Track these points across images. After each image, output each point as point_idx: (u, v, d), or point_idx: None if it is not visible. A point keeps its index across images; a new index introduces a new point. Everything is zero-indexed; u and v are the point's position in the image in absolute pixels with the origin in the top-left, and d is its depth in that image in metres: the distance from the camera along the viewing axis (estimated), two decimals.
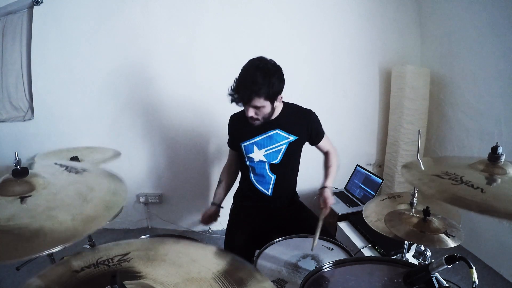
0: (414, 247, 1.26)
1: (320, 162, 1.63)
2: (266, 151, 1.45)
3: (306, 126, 1.48)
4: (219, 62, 2.33)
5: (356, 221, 1.98)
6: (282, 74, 1.32)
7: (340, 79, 2.57)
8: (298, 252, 1.18)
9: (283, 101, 1.48)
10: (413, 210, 1.12)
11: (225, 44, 2.33)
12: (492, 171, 0.84)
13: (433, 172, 0.87)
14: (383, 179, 2.25)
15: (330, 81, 2.55)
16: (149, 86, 2.34)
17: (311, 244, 1.18)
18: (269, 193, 1.52)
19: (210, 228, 2.66)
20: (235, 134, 1.54)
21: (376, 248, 1.73)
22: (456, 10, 2.23)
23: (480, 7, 2.04)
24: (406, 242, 1.16)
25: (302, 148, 1.55)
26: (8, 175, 0.73)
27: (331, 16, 2.45)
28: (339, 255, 1.17)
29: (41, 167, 0.88)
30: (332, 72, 2.54)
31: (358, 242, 1.83)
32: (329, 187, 1.44)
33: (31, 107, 2.31)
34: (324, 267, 0.91)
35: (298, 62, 2.40)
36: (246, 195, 1.60)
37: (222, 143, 2.45)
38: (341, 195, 2.45)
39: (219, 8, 2.28)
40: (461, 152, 2.29)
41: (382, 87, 2.67)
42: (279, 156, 1.46)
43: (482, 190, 0.74)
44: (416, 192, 1.15)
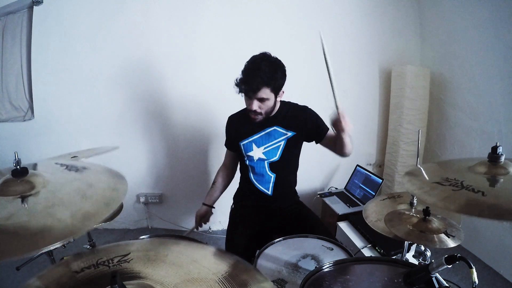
0: (414, 247, 1.26)
1: (320, 162, 1.63)
2: (265, 148, 1.46)
3: (303, 121, 1.48)
4: (219, 62, 2.33)
5: (356, 221, 1.98)
6: (285, 69, 1.37)
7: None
8: (298, 252, 1.18)
9: (281, 100, 1.49)
10: (413, 210, 1.12)
11: (225, 43, 2.33)
12: (493, 171, 0.83)
13: (433, 179, 0.87)
14: (383, 179, 2.25)
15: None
16: (149, 86, 2.34)
17: (311, 244, 1.18)
18: (269, 192, 1.52)
19: (210, 228, 2.66)
20: (233, 134, 1.55)
21: (376, 248, 1.73)
22: (456, 10, 2.23)
23: (480, 7, 2.04)
24: (406, 242, 1.16)
25: (301, 147, 1.55)
26: (8, 175, 0.73)
27: (331, 16, 2.45)
28: (339, 255, 1.17)
29: (41, 166, 0.88)
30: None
31: (358, 242, 1.83)
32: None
33: (31, 107, 2.31)
34: (324, 267, 0.91)
35: (298, 62, 2.40)
36: (246, 195, 1.60)
37: (222, 142, 2.44)
38: (341, 195, 2.44)
39: (219, 8, 2.28)
40: (461, 152, 2.29)
41: (382, 87, 2.67)
42: (278, 153, 1.47)
43: (483, 193, 0.74)
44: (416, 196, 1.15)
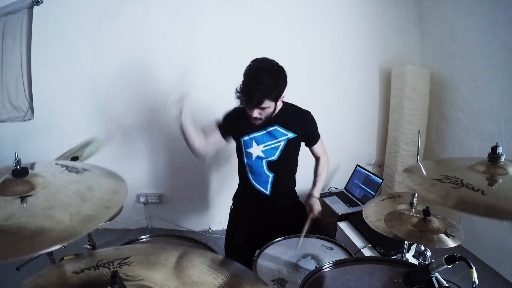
0: (414, 247, 1.26)
1: None
2: (265, 147, 1.46)
3: (303, 125, 1.49)
4: (219, 62, 2.33)
5: (356, 221, 1.98)
6: (285, 74, 1.34)
7: (340, 79, 2.57)
8: (298, 252, 1.18)
9: (283, 100, 1.49)
10: (413, 210, 1.12)
11: (225, 44, 2.33)
12: (493, 171, 0.83)
13: (433, 176, 0.87)
14: (383, 179, 2.25)
15: (330, 81, 2.55)
16: (149, 86, 2.34)
17: (311, 244, 1.18)
18: (267, 192, 1.52)
19: (210, 228, 2.66)
20: (233, 126, 1.49)
21: (376, 248, 1.73)
22: (456, 10, 2.23)
23: (480, 7, 2.04)
24: (406, 242, 1.16)
25: (300, 149, 1.55)
26: (8, 175, 0.73)
27: (331, 16, 2.45)
28: (339, 255, 1.17)
29: (41, 167, 0.88)
30: (332, 72, 2.54)
31: (358, 242, 1.83)
32: (315, 195, 1.51)
33: (31, 107, 2.31)
34: (324, 267, 0.91)
35: (298, 62, 2.40)
36: (245, 195, 1.60)
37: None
38: (341, 195, 2.45)
39: (219, 8, 2.28)
40: (461, 152, 2.29)
41: (382, 87, 2.67)
42: (277, 153, 1.46)
43: (483, 192, 0.74)
44: (416, 192, 1.15)
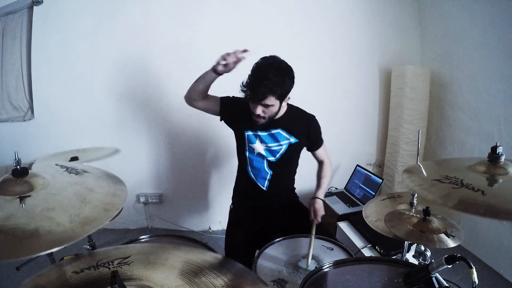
0: (414, 247, 1.26)
1: None
2: (267, 147, 1.46)
3: (307, 130, 1.48)
4: None
5: (356, 221, 1.98)
6: (293, 74, 1.32)
7: (340, 79, 2.57)
8: (298, 252, 1.18)
9: (287, 103, 1.48)
10: (413, 210, 1.12)
11: (225, 44, 2.29)
12: (493, 171, 0.83)
13: (433, 177, 0.87)
14: (383, 179, 2.25)
15: (330, 81, 2.55)
16: (149, 86, 2.34)
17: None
18: (264, 187, 1.52)
19: (210, 228, 2.66)
20: (240, 117, 1.44)
21: (376, 248, 1.73)
22: (456, 10, 2.23)
23: (480, 7, 2.04)
24: (406, 242, 1.16)
25: (301, 152, 1.55)
26: (8, 175, 0.73)
27: (331, 16, 2.45)
28: (339, 255, 1.17)
29: (41, 167, 0.88)
30: (332, 72, 2.54)
31: (358, 242, 1.83)
32: (319, 198, 1.49)
33: (31, 107, 2.31)
34: (324, 267, 0.91)
35: (298, 62, 2.36)
36: (244, 191, 1.59)
37: (222, 143, 2.45)
38: (341, 195, 2.44)
39: (219, 8, 2.28)
40: (461, 152, 2.29)
41: (382, 87, 2.67)
42: (278, 155, 1.46)
43: (483, 192, 0.74)
44: (416, 193, 1.15)
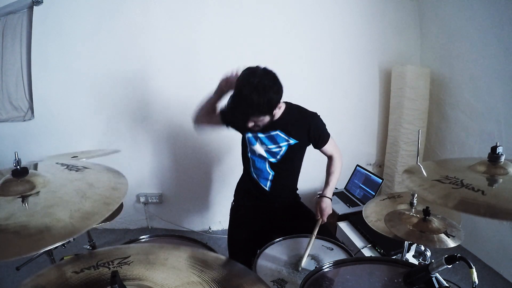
0: (414, 247, 1.26)
1: (321, 162, 1.63)
2: (267, 148, 1.45)
3: (307, 130, 1.42)
4: (220, 63, 2.30)
5: (356, 221, 1.98)
6: (279, 85, 1.23)
7: (340, 79, 2.57)
8: (298, 252, 1.18)
9: (285, 102, 1.45)
10: (413, 210, 1.12)
11: (225, 44, 2.33)
12: (493, 171, 0.83)
13: (433, 177, 0.87)
14: (383, 179, 2.25)
15: (330, 81, 2.55)
16: (149, 86, 2.34)
17: (311, 244, 1.18)
18: (267, 188, 1.52)
19: (210, 228, 2.66)
20: (240, 115, 1.34)
21: (376, 248, 1.73)
22: (456, 10, 2.23)
23: (480, 7, 2.04)
24: (406, 242, 1.16)
25: (304, 152, 1.52)
26: (8, 175, 0.73)
27: (331, 16, 2.45)
28: (339, 255, 1.17)
29: (42, 166, 0.88)
30: (332, 72, 2.54)
31: (358, 242, 1.83)
32: (327, 197, 1.44)
33: (31, 107, 2.31)
34: (324, 267, 0.91)
35: (298, 62, 2.40)
36: (246, 189, 1.59)
37: (222, 143, 2.45)
38: (341, 195, 2.44)
39: (219, 8, 2.28)
40: (461, 152, 2.29)
41: (382, 87, 2.67)
42: (279, 156, 1.45)
43: (483, 192, 0.74)
44: (416, 193, 1.15)
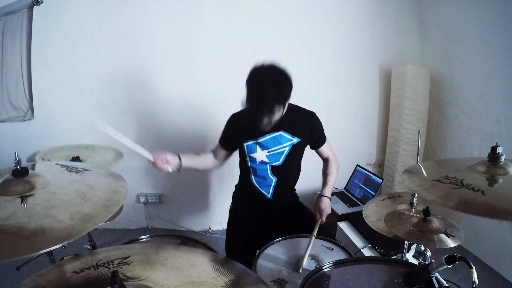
0: (414, 247, 1.26)
1: (320, 162, 1.63)
2: (269, 152, 1.44)
3: (309, 128, 1.46)
4: (219, 63, 2.33)
5: (356, 221, 1.98)
6: (290, 79, 1.29)
7: (340, 79, 2.57)
8: (298, 252, 1.18)
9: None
10: (413, 210, 1.12)
11: (225, 44, 2.33)
12: (493, 171, 0.84)
13: (433, 177, 0.87)
14: (383, 179, 2.25)
15: (330, 81, 2.55)
16: (149, 86, 2.34)
17: (311, 244, 1.18)
18: (269, 195, 1.51)
19: (210, 228, 2.66)
20: (235, 133, 1.50)
21: (376, 248, 1.73)
22: (456, 10, 2.23)
23: (480, 7, 2.04)
24: (406, 242, 1.16)
25: (304, 152, 1.54)
26: (8, 175, 0.73)
27: (331, 16, 2.45)
28: (339, 255, 1.17)
29: (41, 167, 0.89)
30: (332, 72, 2.54)
31: (358, 242, 1.83)
32: (326, 196, 1.47)
33: (31, 107, 2.31)
34: (324, 267, 0.91)
35: (298, 62, 2.39)
36: (245, 195, 1.59)
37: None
38: (341, 195, 2.44)
39: (219, 8, 2.27)
40: (461, 152, 2.29)
41: (382, 87, 2.67)
42: (282, 158, 1.45)
43: (483, 192, 0.74)
44: (416, 193, 1.15)
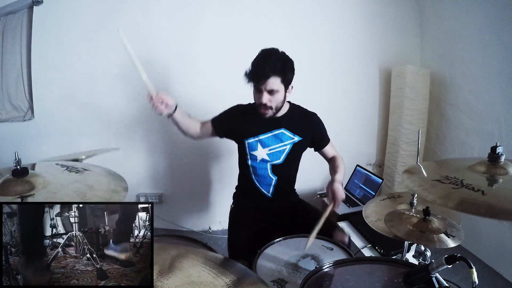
0: (414, 247, 1.26)
1: (320, 162, 1.63)
2: (270, 150, 1.44)
3: (310, 128, 1.47)
4: (219, 62, 2.33)
5: (356, 221, 1.98)
6: (293, 64, 1.38)
7: (340, 79, 2.57)
8: (298, 252, 1.18)
9: (289, 101, 1.48)
10: (413, 210, 1.12)
11: (225, 44, 2.33)
12: (493, 171, 0.84)
13: (433, 177, 0.87)
14: (383, 179, 2.25)
15: (330, 81, 2.55)
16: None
17: (311, 244, 1.18)
18: (269, 194, 1.52)
19: (210, 228, 2.66)
20: (236, 124, 1.47)
21: (376, 248, 1.73)
22: (456, 10, 2.23)
23: (480, 7, 2.04)
24: (406, 242, 1.16)
25: (303, 152, 1.54)
26: (8, 175, 0.73)
27: (331, 16, 2.45)
28: (339, 255, 1.17)
29: (41, 167, 0.89)
30: (332, 72, 2.54)
31: (358, 242, 1.83)
32: (338, 181, 1.32)
33: (31, 107, 2.31)
34: (324, 267, 0.91)
35: (298, 62, 2.37)
36: (246, 195, 1.60)
37: (222, 142, 2.45)
38: None
39: (219, 8, 2.28)
40: (461, 152, 2.29)
41: (382, 87, 2.67)
42: (282, 156, 1.45)
43: (483, 192, 0.74)
44: (416, 194, 1.15)
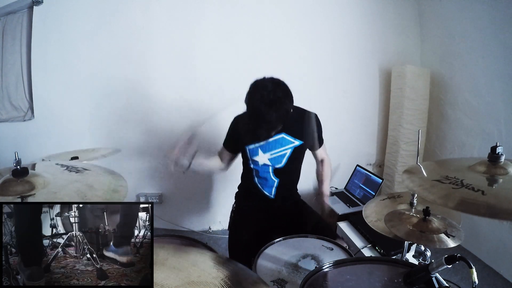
0: (414, 247, 1.26)
1: None
2: (271, 154, 1.45)
3: (310, 130, 1.46)
4: (219, 63, 2.32)
5: (356, 221, 1.98)
6: (290, 93, 1.29)
7: (340, 79, 2.57)
8: (298, 252, 1.18)
9: None
10: (413, 210, 1.12)
11: (225, 44, 2.33)
12: (493, 171, 0.84)
13: (433, 177, 0.87)
14: (383, 179, 2.25)
15: (330, 81, 2.55)
16: (149, 86, 2.34)
17: (311, 244, 1.18)
18: (272, 195, 1.52)
19: (210, 228, 2.66)
20: (238, 136, 1.50)
21: (376, 248, 1.73)
22: (456, 10, 2.23)
23: (480, 7, 2.04)
24: (406, 242, 1.16)
25: (305, 153, 1.55)
26: (8, 175, 0.73)
27: (331, 16, 2.45)
28: (339, 255, 1.17)
29: (41, 167, 0.89)
30: (332, 72, 2.54)
31: (358, 242, 1.83)
32: (326, 195, 1.56)
33: (31, 107, 2.31)
34: (324, 267, 0.91)
35: (298, 62, 2.40)
36: (248, 195, 1.60)
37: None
38: (341, 195, 2.44)
39: (219, 8, 2.28)
40: (461, 152, 2.29)
41: (382, 87, 2.67)
42: (284, 160, 1.46)
43: (483, 192, 0.74)
44: (416, 194, 1.15)
